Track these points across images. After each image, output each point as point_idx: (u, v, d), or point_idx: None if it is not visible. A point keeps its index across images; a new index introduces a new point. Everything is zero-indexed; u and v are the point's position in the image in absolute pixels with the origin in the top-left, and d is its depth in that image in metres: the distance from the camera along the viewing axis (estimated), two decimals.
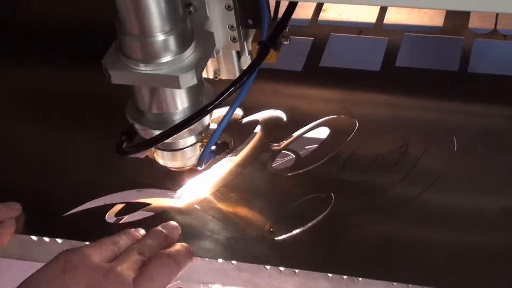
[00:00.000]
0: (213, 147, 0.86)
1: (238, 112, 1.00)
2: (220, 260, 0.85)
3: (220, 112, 0.85)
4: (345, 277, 0.81)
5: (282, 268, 0.83)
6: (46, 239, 0.89)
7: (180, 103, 0.81)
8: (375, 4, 0.56)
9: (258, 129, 0.98)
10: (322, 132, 0.97)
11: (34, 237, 0.89)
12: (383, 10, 1.14)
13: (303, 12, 1.15)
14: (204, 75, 0.87)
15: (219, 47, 0.83)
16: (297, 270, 0.83)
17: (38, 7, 1.22)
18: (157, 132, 0.81)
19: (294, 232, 0.86)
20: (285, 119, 0.99)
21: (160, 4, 0.73)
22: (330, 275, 0.82)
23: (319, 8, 1.16)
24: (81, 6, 1.19)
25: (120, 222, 0.90)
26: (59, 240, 0.89)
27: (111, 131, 0.86)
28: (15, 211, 0.89)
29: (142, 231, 0.85)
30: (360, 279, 0.81)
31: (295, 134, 0.97)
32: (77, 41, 1.14)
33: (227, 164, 0.94)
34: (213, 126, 0.86)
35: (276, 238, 0.86)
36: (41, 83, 1.09)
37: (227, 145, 0.92)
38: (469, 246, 0.83)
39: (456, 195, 0.88)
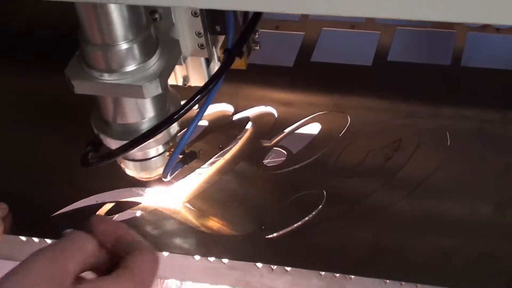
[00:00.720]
0: (181, 157, 0.85)
1: (229, 109, 0.99)
2: (211, 259, 0.84)
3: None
4: (337, 275, 0.81)
5: (274, 266, 0.82)
6: (36, 239, 0.88)
7: (145, 112, 0.79)
8: (359, 15, 0.55)
9: (249, 125, 0.97)
10: (314, 128, 0.96)
11: (23, 238, 0.89)
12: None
13: None
14: (174, 82, 0.85)
15: (187, 54, 0.82)
16: (289, 268, 0.82)
17: (27, 10, 1.21)
18: (123, 143, 0.79)
19: (286, 230, 0.85)
20: (276, 115, 0.98)
21: (122, 12, 0.71)
22: (322, 273, 0.81)
23: None
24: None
25: None
26: (48, 241, 0.88)
27: None
28: (1, 211, 0.88)
29: None
30: (353, 276, 0.81)
31: (287, 130, 0.96)
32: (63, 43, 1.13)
33: (218, 161, 0.93)
34: None
35: (267, 236, 0.85)
36: (28, 85, 1.08)
37: (196, 154, 0.89)
38: (462, 244, 0.82)
39: (449, 192, 0.87)
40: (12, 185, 0.94)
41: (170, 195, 0.91)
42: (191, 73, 0.84)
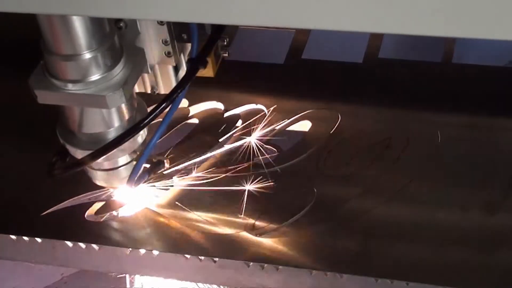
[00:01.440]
0: (148, 166, 0.84)
1: (220, 106, 0.99)
2: (202, 257, 0.84)
3: None
4: (328, 273, 0.81)
5: (264, 265, 0.82)
6: (26, 238, 0.88)
7: (111, 122, 0.79)
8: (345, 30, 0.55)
9: (239, 123, 0.97)
10: (304, 126, 0.96)
11: (13, 236, 0.88)
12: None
13: None
14: (143, 90, 0.85)
15: (154, 62, 0.81)
16: (280, 267, 0.82)
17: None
18: (89, 152, 0.78)
19: (277, 228, 0.85)
20: (266, 113, 0.98)
21: (84, 22, 0.70)
22: (313, 271, 0.81)
23: None
24: None
25: (100, 220, 0.88)
26: (38, 239, 0.88)
27: None
28: None
29: None
30: (344, 275, 0.80)
31: (277, 128, 0.96)
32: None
33: (209, 159, 0.93)
34: None
35: (258, 235, 0.85)
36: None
37: (163, 163, 0.89)
38: (453, 241, 0.82)
39: (439, 189, 0.87)
40: (1, 183, 0.94)
41: (160, 194, 0.90)
42: (160, 81, 0.84)
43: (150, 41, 0.79)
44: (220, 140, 0.95)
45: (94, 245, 0.86)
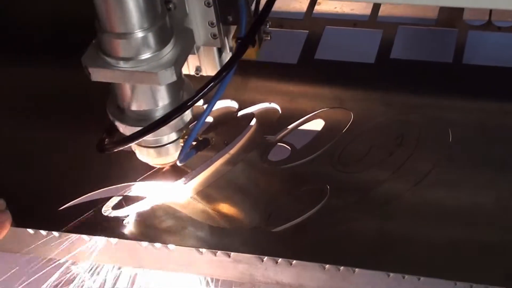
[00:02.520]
0: (194, 143, 0.86)
1: (234, 105, 1.00)
2: (217, 252, 0.85)
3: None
4: (341, 268, 0.82)
5: (278, 260, 0.83)
6: (43, 232, 0.89)
7: (160, 99, 0.81)
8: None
9: (253, 122, 0.98)
10: (317, 124, 0.97)
11: (31, 230, 0.90)
12: (377, 3, 1.14)
13: (298, 5, 1.16)
14: (186, 71, 0.87)
15: (200, 44, 0.83)
16: (293, 261, 0.83)
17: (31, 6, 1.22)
18: (138, 129, 0.80)
19: (290, 223, 0.86)
20: (280, 111, 0.99)
21: (138, 1, 0.73)
22: (326, 266, 0.82)
23: (313, 1, 1.16)
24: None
25: (116, 215, 0.90)
26: (55, 233, 0.89)
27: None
28: None
29: None
30: (356, 270, 0.82)
31: (290, 126, 0.97)
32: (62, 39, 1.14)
33: (223, 156, 0.94)
34: None
35: (272, 230, 0.86)
36: (36, 82, 1.09)
37: (208, 141, 0.91)
38: (465, 237, 0.83)
39: (451, 187, 0.88)
40: (20, 178, 0.95)
41: (176, 189, 0.92)
42: (204, 62, 0.86)
43: (196, 22, 0.82)
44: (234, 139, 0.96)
45: (111, 239, 0.88)
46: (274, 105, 1.00)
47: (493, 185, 0.88)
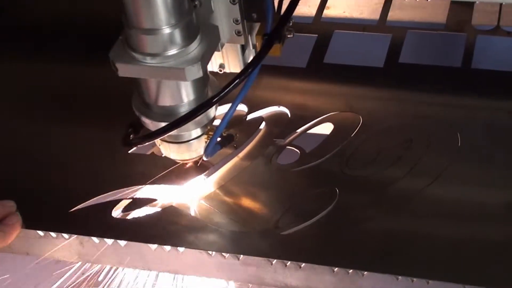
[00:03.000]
0: (219, 139, 0.87)
1: (243, 108, 1.01)
2: (226, 255, 0.85)
3: (223, 110, 0.86)
4: (350, 271, 0.82)
5: (287, 262, 0.84)
6: (53, 234, 0.90)
7: (185, 95, 0.82)
8: None
9: (263, 125, 0.99)
10: (326, 128, 0.98)
11: (41, 232, 0.90)
12: (386, 7, 1.14)
13: (307, 9, 1.16)
14: (209, 68, 0.87)
15: (224, 41, 0.84)
16: (302, 264, 0.83)
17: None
18: (163, 124, 0.81)
19: (299, 226, 0.86)
20: (289, 115, 0.99)
21: None
22: (335, 269, 0.82)
23: (322, 5, 1.16)
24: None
25: (126, 218, 0.90)
26: (65, 235, 0.89)
27: (117, 126, 0.87)
28: (7, 209, 0.88)
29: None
30: (365, 273, 0.82)
31: (300, 129, 0.98)
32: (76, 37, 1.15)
33: (233, 160, 0.95)
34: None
35: (281, 233, 0.86)
36: (43, 80, 1.10)
37: (233, 137, 0.92)
38: (473, 240, 0.83)
39: (459, 190, 0.89)
40: (30, 180, 0.96)
41: (186, 192, 0.92)
42: (227, 59, 0.87)
43: (221, 20, 0.83)
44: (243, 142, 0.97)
45: (120, 242, 0.88)
46: (283, 109, 1.00)
47: (502, 189, 0.88)
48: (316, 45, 1.10)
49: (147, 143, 0.84)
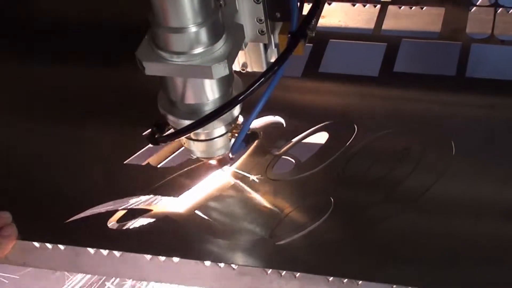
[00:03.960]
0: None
1: (239, 118, 1.01)
2: (221, 264, 0.85)
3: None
4: (345, 280, 0.82)
5: (282, 272, 0.84)
6: (49, 245, 0.90)
7: (211, 93, 0.83)
8: None
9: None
10: (322, 137, 0.98)
11: (36, 244, 0.90)
12: (381, 16, 1.15)
13: None
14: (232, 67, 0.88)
15: (247, 40, 0.85)
16: (297, 274, 0.83)
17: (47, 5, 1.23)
18: (188, 122, 0.82)
19: (295, 236, 0.87)
20: (284, 124, 0.99)
21: None
22: (330, 278, 0.83)
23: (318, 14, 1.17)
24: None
25: (122, 228, 0.90)
26: (61, 247, 0.89)
27: (113, 138, 0.87)
28: (3, 220, 0.88)
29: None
30: (360, 282, 0.82)
31: (295, 139, 0.98)
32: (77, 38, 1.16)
33: (228, 170, 0.95)
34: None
35: (277, 243, 0.86)
36: (37, 89, 1.10)
37: (257, 135, 0.94)
38: (468, 252, 0.83)
39: (454, 198, 0.89)
40: (26, 191, 0.96)
41: (181, 203, 0.92)
42: (250, 58, 0.88)
43: (245, 19, 0.83)
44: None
45: (115, 252, 0.88)
46: (278, 118, 1.00)
47: (497, 198, 0.88)
48: (311, 54, 1.10)
49: (173, 141, 0.87)
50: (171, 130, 0.87)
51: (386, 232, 0.86)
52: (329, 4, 1.14)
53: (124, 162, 0.97)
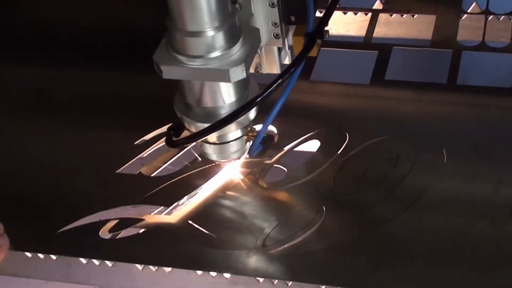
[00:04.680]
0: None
1: None
2: (213, 274, 0.85)
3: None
4: None
5: (274, 281, 0.84)
6: (41, 255, 0.90)
7: (228, 97, 0.83)
8: None
9: (249, 143, 0.99)
10: (313, 146, 0.98)
11: (28, 254, 0.90)
12: (372, 24, 1.15)
13: None
14: None
15: (262, 43, 0.86)
16: (290, 283, 0.84)
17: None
18: (205, 125, 0.83)
19: (287, 245, 0.87)
20: (276, 133, 1.00)
21: (210, 1, 0.75)
22: (322, 287, 0.83)
23: None
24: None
25: (114, 238, 0.90)
26: (53, 257, 0.89)
27: (105, 147, 0.87)
28: None
29: None
30: None
31: (286, 148, 0.98)
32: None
33: (220, 179, 0.95)
34: None
35: (269, 251, 0.86)
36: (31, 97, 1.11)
37: (273, 138, 0.95)
38: (461, 260, 0.84)
39: (445, 207, 0.89)
40: (17, 200, 0.96)
41: (172, 212, 0.92)
42: (264, 61, 0.88)
43: (260, 23, 0.84)
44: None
45: (107, 262, 0.88)
46: (269, 127, 1.00)
47: (488, 205, 0.88)
48: None
49: (191, 144, 0.89)
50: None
51: (379, 240, 0.86)
52: (320, 12, 1.14)
53: (117, 171, 0.97)
